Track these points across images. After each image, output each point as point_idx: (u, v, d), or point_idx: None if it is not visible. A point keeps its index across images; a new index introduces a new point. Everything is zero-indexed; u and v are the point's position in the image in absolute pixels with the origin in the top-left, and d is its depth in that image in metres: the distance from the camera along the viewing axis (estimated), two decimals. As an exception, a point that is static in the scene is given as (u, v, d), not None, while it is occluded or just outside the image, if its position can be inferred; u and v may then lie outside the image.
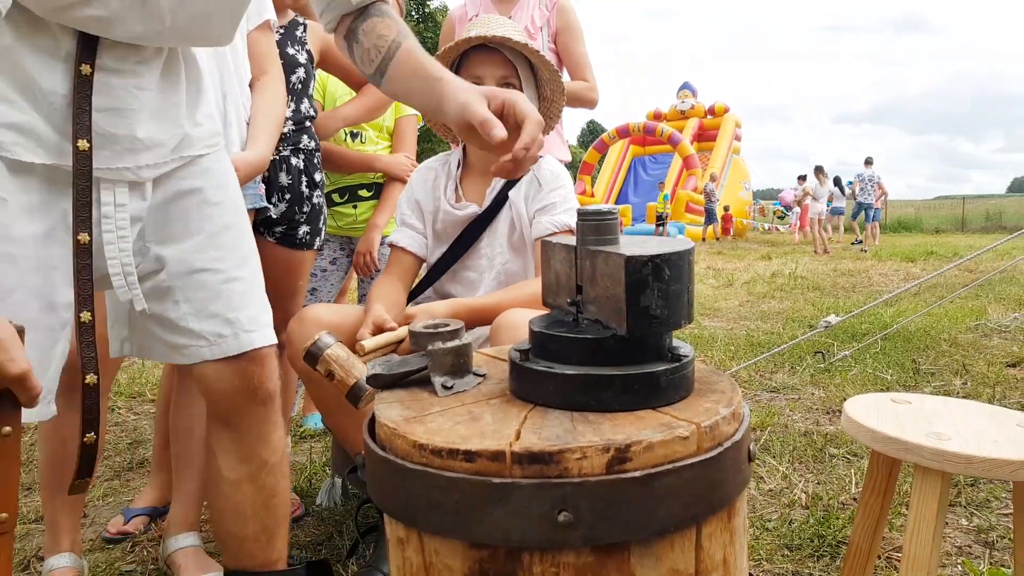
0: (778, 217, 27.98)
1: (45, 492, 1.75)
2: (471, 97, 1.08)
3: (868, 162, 16.09)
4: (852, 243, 15.59)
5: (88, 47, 1.06)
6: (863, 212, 15.93)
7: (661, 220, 18.87)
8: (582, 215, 0.83)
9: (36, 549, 1.92)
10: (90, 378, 1.11)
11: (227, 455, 1.33)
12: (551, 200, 1.77)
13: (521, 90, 1.75)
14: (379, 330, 1.54)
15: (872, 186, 15.75)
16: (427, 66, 1.16)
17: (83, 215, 1.09)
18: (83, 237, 1.10)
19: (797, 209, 20.61)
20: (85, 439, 1.12)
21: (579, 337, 0.80)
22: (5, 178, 1.03)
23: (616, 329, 0.78)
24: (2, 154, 1.02)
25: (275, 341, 1.33)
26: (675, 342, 0.86)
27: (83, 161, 1.07)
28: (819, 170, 16.16)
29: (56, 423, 1.58)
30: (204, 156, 1.26)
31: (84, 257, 1.10)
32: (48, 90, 1.04)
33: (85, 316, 1.11)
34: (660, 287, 0.76)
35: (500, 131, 1.02)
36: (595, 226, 0.82)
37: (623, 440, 0.69)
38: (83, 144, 1.07)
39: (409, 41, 1.18)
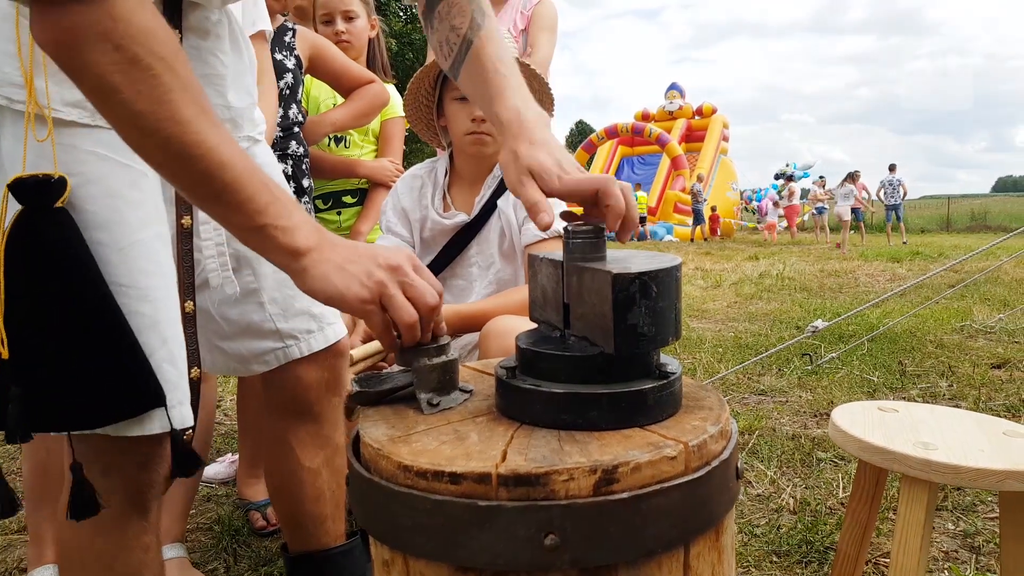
0: (748, 210, 28.07)
1: (29, 504, 1.72)
2: (528, 169, 0.91)
3: (892, 168, 16.97)
4: (902, 243, 16.16)
5: (174, 8, 1.01)
6: (894, 213, 16.58)
7: (641, 221, 19.03)
8: (569, 232, 0.82)
9: (18, 561, 1.90)
10: (195, 372, 1.09)
11: (306, 446, 1.34)
12: None
13: None
14: (369, 339, 1.53)
15: (897, 188, 16.62)
16: (498, 86, 0.99)
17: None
18: (186, 220, 1.06)
19: (776, 210, 20.82)
20: (185, 436, 1.08)
21: (566, 355, 0.79)
22: None
23: (603, 347, 0.77)
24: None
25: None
26: (663, 358, 0.85)
27: None
28: (850, 176, 16.70)
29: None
30: (258, 144, 1.23)
31: (187, 242, 1.07)
32: None
33: (189, 306, 1.08)
34: (647, 304, 0.75)
35: (546, 218, 0.90)
36: (582, 244, 0.81)
37: (610, 461, 0.68)
38: None
39: (480, 36, 1.03)
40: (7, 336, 0.87)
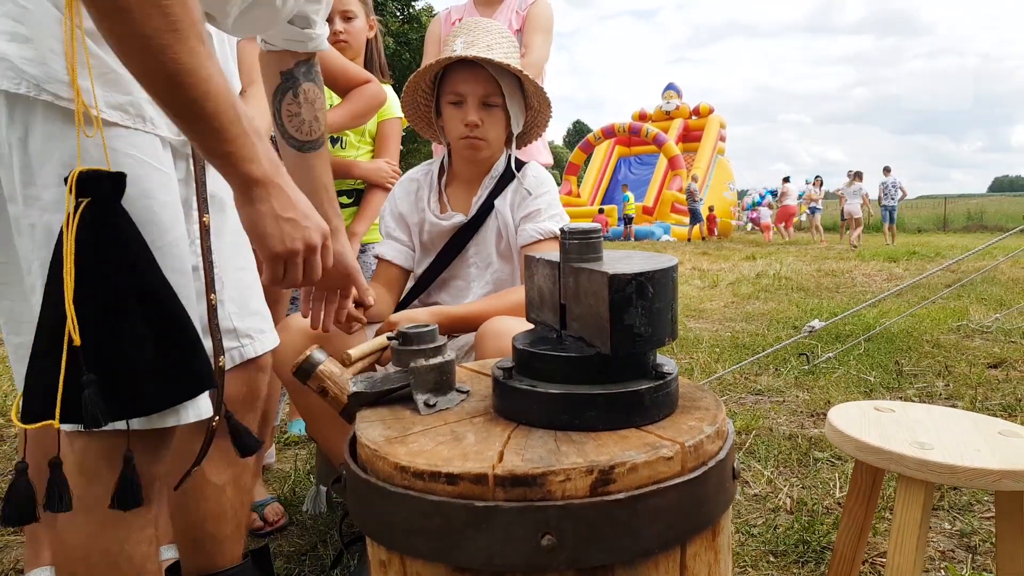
0: (746, 208, 28.15)
1: (25, 505, 1.72)
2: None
3: (887, 170, 17.15)
4: (885, 244, 16.34)
5: None
6: (888, 214, 16.75)
7: (628, 221, 19.16)
8: (566, 233, 0.82)
9: (14, 562, 1.89)
10: (221, 360, 1.14)
11: (213, 461, 1.30)
12: (536, 207, 1.77)
13: (504, 106, 1.73)
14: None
15: (895, 190, 16.69)
16: (323, 192, 1.41)
17: (204, 195, 1.12)
18: (207, 219, 1.12)
19: (767, 211, 21.02)
20: (213, 423, 1.12)
21: (562, 355, 0.79)
22: (162, 153, 1.04)
23: (599, 347, 0.77)
24: (149, 130, 1.02)
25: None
26: (659, 358, 0.86)
27: None
28: (858, 175, 16.81)
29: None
30: None
31: (207, 238, 1.13)
32: None
33: (213, 298, 1.13)
34: (644, 305, 0.76)
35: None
36: (579, 244, 0.81)
37: (607, 462, 0.68)
38: None
39: (326, 143, 1.44)
40: (79, 324, 0.90)
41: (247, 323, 1.25)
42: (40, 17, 0.94)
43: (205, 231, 1.11)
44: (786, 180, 20.68)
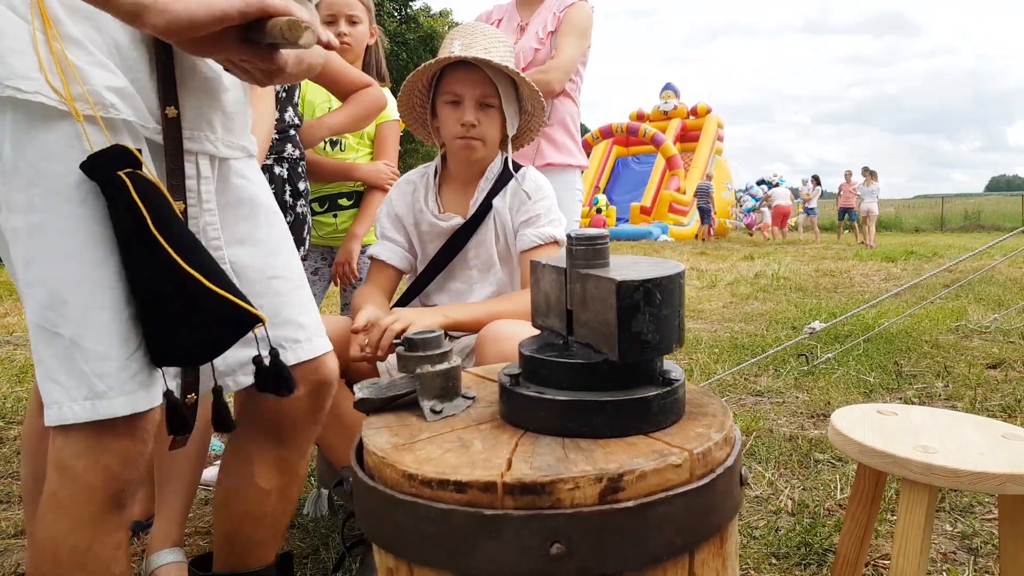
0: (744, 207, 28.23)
1: (28, 508, 1.72)
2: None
3: (864, 171, 17.17)
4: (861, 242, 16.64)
5: None
6: (847, 215, 17.21)
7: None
8: (573, 239, 0.82)
9: (15, 565, 1.89)
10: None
11: (265, 466, 1.31)
12: (536, 212, 1.77)
13: (500, 108, 1.73)
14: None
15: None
16: None
17: (175, 182, 1.09)
18: (179, 205, 1.09)
19: (766, 210, 21.21)
20: (187, 399, 1.13)
21: (570, 362, 0.79)
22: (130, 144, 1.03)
23: (607, 354, 0.77)
24: (112, 115, 1.00)
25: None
26: (666, 364, 0.85)
27: (173, 129, 1.07)
28: (870, 173, 17.02)
29: (40, 438, 1.56)
30: (252, 158, 1.27)
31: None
32: (135, 56, 1.03)
33: None
34: (651, 312, 0.76)
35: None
36: (585, 250, 0.81)
37: (616, 469, 0.68)
38: (171, 111, 1.07)
39: None
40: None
41: (277, 332, 1.21)
42: (2, 24, 0.95)
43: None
44: (767, 184, 20.97)
